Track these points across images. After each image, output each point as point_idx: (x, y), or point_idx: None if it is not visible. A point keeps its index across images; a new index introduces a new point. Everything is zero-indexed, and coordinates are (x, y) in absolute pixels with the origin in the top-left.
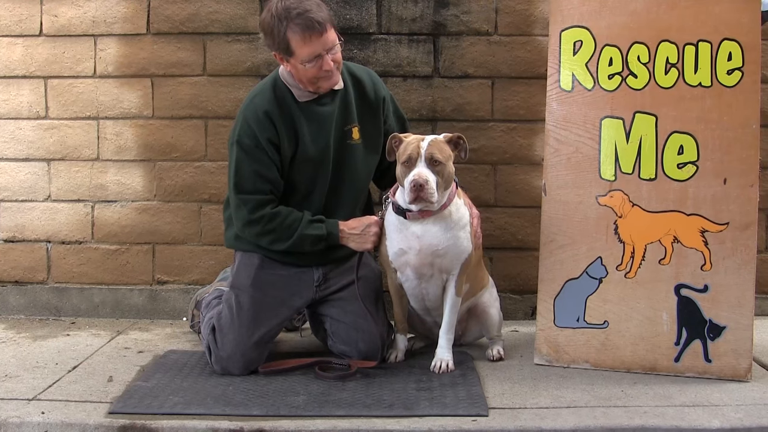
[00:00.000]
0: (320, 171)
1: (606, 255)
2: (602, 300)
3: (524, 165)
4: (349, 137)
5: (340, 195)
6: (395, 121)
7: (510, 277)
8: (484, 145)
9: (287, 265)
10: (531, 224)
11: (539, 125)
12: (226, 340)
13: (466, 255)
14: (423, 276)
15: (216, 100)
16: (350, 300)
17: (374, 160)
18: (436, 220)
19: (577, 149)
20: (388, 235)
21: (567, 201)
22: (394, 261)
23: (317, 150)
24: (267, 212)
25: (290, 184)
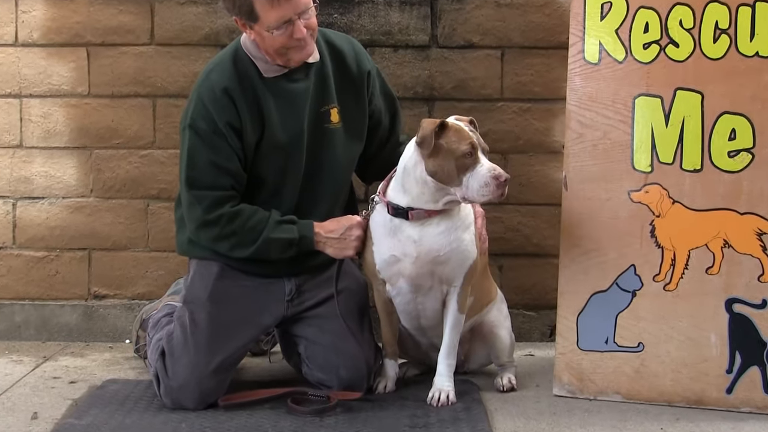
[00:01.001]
0: (291, 161)
1: (640, 263)
2: (636, 317)
3: (540, 154)
4: (327, 120)
5: (316, 190)
6: (383, 100)
7: (523, 290)
8: (491, 130)
9: (252, 276)
10: (549, 225)
11: (559, 105)
12: (179, 366)
13: (470, 261)
14: (419, 288)
15: (166, 74)
16: (329, 317)
17: (357, 147)
18: (441, 219)
19: (604, 134)
20: (375, 239)
21: (593, 197)
22: (382, 270)
23: (288, 136)
24: (226, 211)
25: (255, 177)
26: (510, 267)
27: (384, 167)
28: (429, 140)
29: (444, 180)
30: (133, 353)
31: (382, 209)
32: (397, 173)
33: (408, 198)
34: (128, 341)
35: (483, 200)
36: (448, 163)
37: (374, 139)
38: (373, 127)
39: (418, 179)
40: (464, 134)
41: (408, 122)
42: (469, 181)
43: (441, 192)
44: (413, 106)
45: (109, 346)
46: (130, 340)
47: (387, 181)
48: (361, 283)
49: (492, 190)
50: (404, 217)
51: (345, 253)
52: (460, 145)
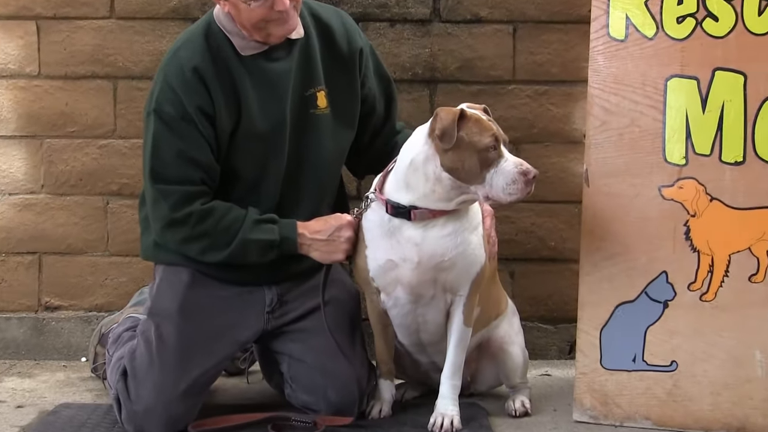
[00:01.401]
0: (272, 152)
1: (673, 269)
2: (669, 332)
3: (558, 144)
4: (313, 105)
5: (300, 185)
6: (377, 82)
7: (538, 300)
8: (502, 117)
9: (227, 284)
10: (568, 226)
11: (579, 89)
12: (143, 388)
13: (478, 267)
14: (420, 298)
15: (129, 52)
16: (315, 332)
17: (348, 136)
18: (447, 220)
19: (632, 122)
20: (368, 241)
21: (618, 194)
22: (377, 278)
23: (267, 123)
24: (196, 209)
25: (229, 170)
26: (523, 274)
27: (378, 159)
28: (451, 132)
29: (464, 177)
30: (90, 373)
31: (379, 208)
32: (398, 167)
33: (411, 195)
34: (84, 359)
35: (510, 200)
36: (469, 158)
37: (367, 127)
38: (366, 113)
39: (430, 176)
40: (485, 125)
41: (405, 108)
42: (494, 178)
43: (457, 190)
44: (412, 89)
45: (63, 365)
46: (86, 359)
47: (384, 176)
48: (352, 293)
49: (520, 188)
50: (405, 217)
51: (333, 257)
52: (483, 138)
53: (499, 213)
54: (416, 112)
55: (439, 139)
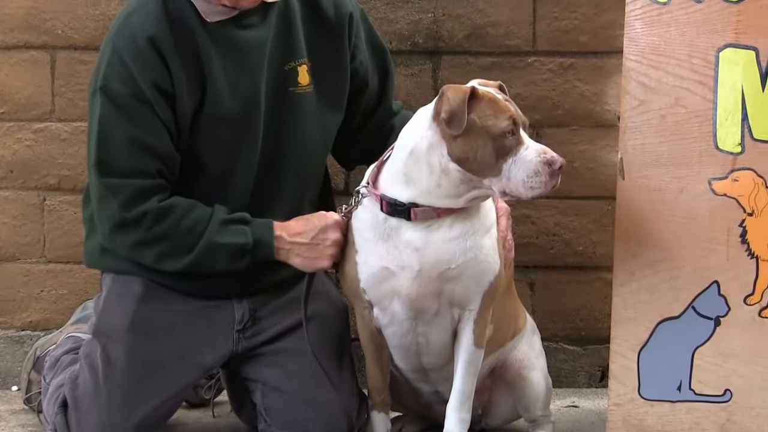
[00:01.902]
0: (243, 138)
1: (727, 279)
2: (721, 354)
3: (587, 128)
4: (293, 82)
5: (278, 178)
6: (370, 54)
7: (563, 316)
8: (519, 95)
9: (189, 297)
10: (599, 227)
11: (613, 61)
12: (87, 423)
13: (492, 276)
14: (421, 314)
15: (69, 17)
16: (295, 354)
17: (335, 118)
18: (455, 220)
19: (676, 101)
20: (359, 245)
21: (659, 188)
22: (370, 289)
23: (238, 103)
24: (152, 207)
25: (192, 160)
26: (545, 284)
27: (371, 147)
28: (461, 116)
29: (477, 169)
30: (22, 405)
31: (372, 205)
32: (396, 156)
33: (412, 191)
34: (16, 388)
35: (531, 195)
36: (483, 145)
37: (358, 108)
38: (357, 91)
39: (435, 167)
40: (501, 106)
41: (403, 85)
42: (512, 170)
43: (468, 184)
44: (411, 62)
45: None
46: (18, 387)
47: (379, 167)
48: (340, 307)
49: (543, 181)
50: (404, 216)
51: (317, 264)
52: (498, 121)
53: (516, 211)
54: (417, 90)
55: (446, 123)
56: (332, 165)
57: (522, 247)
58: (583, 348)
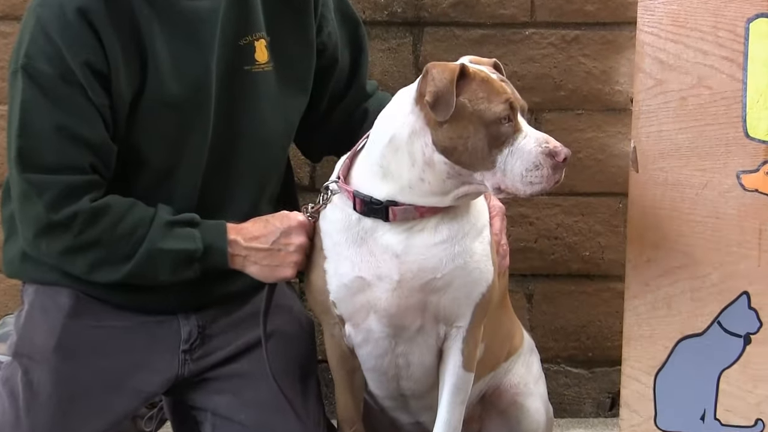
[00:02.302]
0: (191, 126)
1: (758, 289)
2: (751, 378)
3: (595, 112)
4: (249, 59)
5: (232, 173)
6: (340, 26)
7: (567, 334)
8: (516, 74)
9: (127, 311)
10: (608, 228)
11: (625, 34)
12: None
13: (484, 287)
14: (401, 332)
15: None
16: (253, 379)
17: (299, 102)
18: (440, 221)
19: (699, 81)
20: (328, 250)
21: (680, 182)
22: (341, 303)
23: (185, 85)
24: (84, 208)
25: (131, 152)
26: (545, 296)
27: (342, 135)
28: (448, 98)
29: (467, 161)
30: None
31: (343, 203)
32: (371, 146)
33: (391, 187)
34: None
35: (530, 192)
36: (474, 133)
37: (326, 90)
38: (325, 69)
39: (418, 159)
40: (495, 87)
41: (379, 61)
42: (508, 162)
43: (456, 179)
44: (389, 35)
45: None
46: None
47: (351, 159)
48: (305, 324)
49: (545, 175)
50: (381, 216)
51: (279, 273)
52: (492, 105)
53: (511, 210)
54: (395, 68)
55: (430, 107)
56: (296, 157)
57: (518, 252)
58: (590, 371)
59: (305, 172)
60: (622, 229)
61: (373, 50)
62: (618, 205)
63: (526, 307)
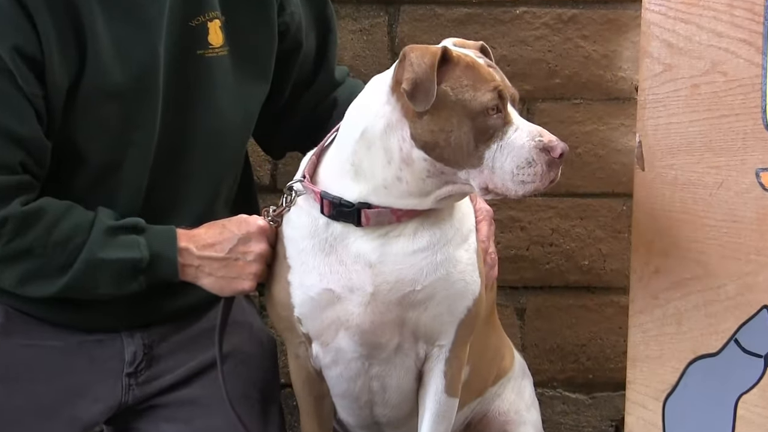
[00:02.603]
0: (136, 119)
1: None
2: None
3: (594, 101)
4: (202, 42)
5: (182, 172)
6: (305, 4)
7: (563, 354)
8: (505, 58)
9: (63, 329)
10: (610, 234)
11: (629, 13)
12: None
13: (469, 301)
14: (376, 352)
15: None
16: (207, 405)
17: (258, 91)
18: (419, 226)
19: (713, 66)
20: (292, 259)
21: (691, 182)
22: (306, 319)
23: (129, 72)
24: (15, 212)
25: (68, 149)
26: (539, 311)
27: (308, 128)
28: (428, 86)
29: (450, 157)
30: None
31: (310, 206)
32: (341, 141)
33: (364, 187)
34: None
35: (523, 192)
36: (458, 125)
37: (289, 76)
38: (288, 53)
39: (394, 155)
40: (482, 73)
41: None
42: (497, 158)
43: (437, 178)
44: (360, 14)
45: None
46: None
47: (318, 156)
48: (266, 343)
49: (539, 173)
50: (352, 220)
51: (236, 285)
52: (479, 94)
53: (500, 214)
54: (368, 52)
55: (408, 97)
56: (255, 153)
57: (508, 261)
58: (590, 396)
59: (266, 170)
60: (626, 235)
61: (343, 31)
62: (621, 207)
63: (518, 324)
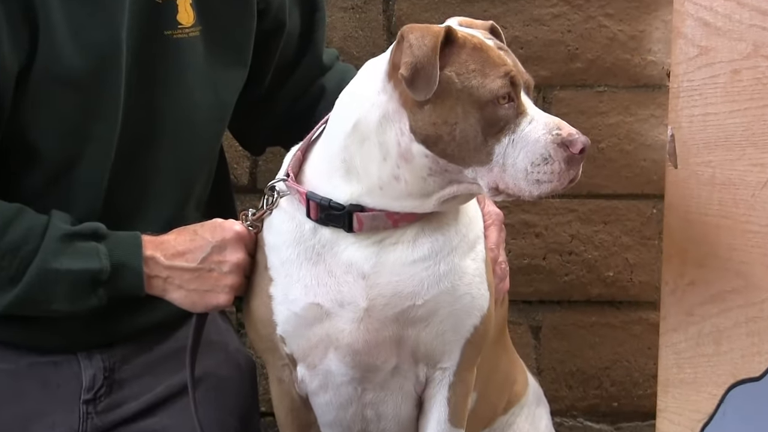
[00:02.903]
0: (95, 110)
1: None
2: None
3: (620, 89)
4: (170, 21)
5: (148, 170)
6: None
7: (585, 378)
8: (517, 39)
9: (13, 350)
10: (638, 241)
11: None
12: None
13: (477, 318)
14: (370, 374)
15: None
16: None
17: (235, 77)
18: (420, 231)
19: (756, 49)
20: (274, 270)
21: (731, 181)
22: (290, 338)
23: (87, 57)
24: None
25: (19, 144)
26: (556, 329)
27: (292, 120)
28: (430, 71)
29: (455, 153)
30: None
31: (294, 209)
32: (330, 134)
33: (356, 187)
34: None
35: (538, 192)
36: (464, 117)
37: (270, 60)
38: (269, 34)
39: (391, 150)
40: (492, 57)
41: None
42: (509, 154)
43: (440, 177)
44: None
45: None
46: None
47: (304, 151)
48: (243, 365)
49: (557, 171)
50: (343, 225)
51: (210, 300)
52: (488, 80)
53: (512, 218)
54: (360, 32)
55: (407, 84)
56: (232, 148)
57: (521, 272)
58: (616, 427)
59: (244, 168)
60: (656, 242)
61: (332, 8)
62: (651, 210)
63: (532, 344)
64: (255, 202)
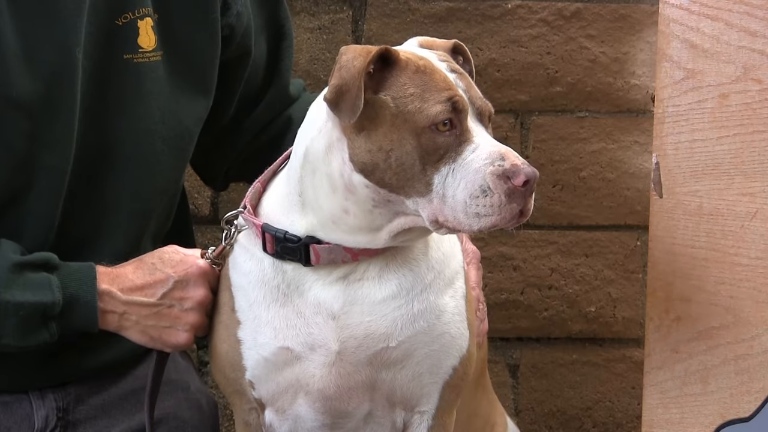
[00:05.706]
0: (47, 137)
1: None
2: None
3: (603, 114)
4: (130, 45)
5: (105, 199)
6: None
7: (566, 419)
8: (494, 61)
9: None
10: (622, 275)
11: (643, 7)
12: None
13: (455, 360)
14: (343, 420)
15: None
16: None
17: (198, 106)
18: (387, 265)
19: (745, 71)
20: (241, 312)
21: (719, 211)
22: (260, 383)
23: (39, 80)
24: None
25: None
26: (535, 368)
27: (256, 152)
28: (353, 93)
29: (392, 182)
30: None
31: (252, 244)
32: (290, 167)
33: (311, 219)
34: None
35: (479, 227)
36: (399, 144)
37: (235, 90)
38: (233, 62)
39: (337, 182)
40: (435, 79)
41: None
42: (448, 185)
43: (385, 209)
44: (319, 9)
45: None
46: None
47: (264, 182)
48: (205, 407)
49: (497, 205)
50: (300, 258)
51: (169, 338)
52: (426, 105)
53: (488, 250)
54: (328, 54)
55: (331, 107)
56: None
57: (498, 307)
58: None
59: (205, 198)
60: (640, 276)
61: (298, 29)
62: (635, 242)
63: (510, 383)
64: (216, 233)
